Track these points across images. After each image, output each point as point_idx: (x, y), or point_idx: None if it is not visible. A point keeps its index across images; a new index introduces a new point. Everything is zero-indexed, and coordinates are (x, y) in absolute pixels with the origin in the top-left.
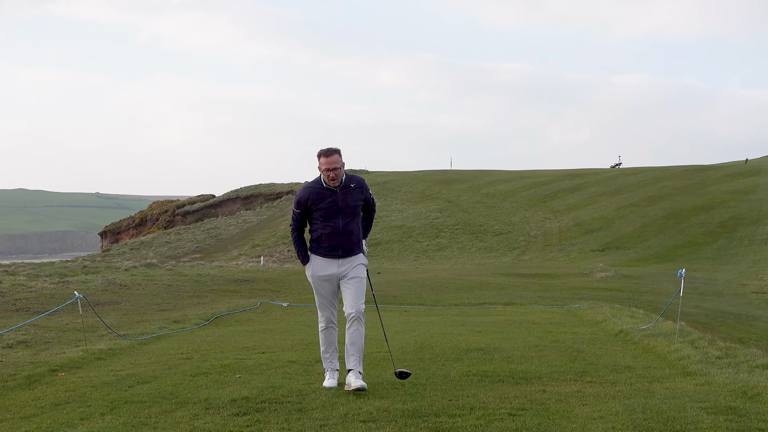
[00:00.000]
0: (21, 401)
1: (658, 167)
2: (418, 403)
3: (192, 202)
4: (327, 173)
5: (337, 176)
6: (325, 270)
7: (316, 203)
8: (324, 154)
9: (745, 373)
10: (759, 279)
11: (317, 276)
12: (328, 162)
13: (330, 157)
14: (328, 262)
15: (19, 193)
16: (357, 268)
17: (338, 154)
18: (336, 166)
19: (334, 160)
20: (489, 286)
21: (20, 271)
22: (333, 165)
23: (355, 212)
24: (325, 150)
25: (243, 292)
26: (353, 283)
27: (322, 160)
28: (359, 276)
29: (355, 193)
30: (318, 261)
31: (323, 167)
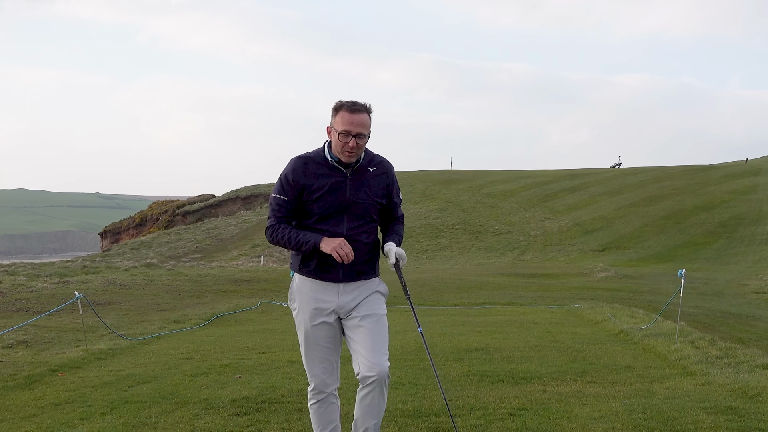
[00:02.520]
0: (21, 401)
1: (658, 167)
2: (418, 403)
3: (192, 202)
4: (345, 139)
5: (359, 148)
6: (319, 300)
7: (311, 187)
8: (348, 108)
9: (745, 373)
10: (759, 279)
11: (306, 310)
12: (351, 121)
13: (356, 115)
14: (323, 287)
15: (19, 193)
16: (371, 299)
17: (368, 113)
18: (362, 131)
19: (361, 121)
20: (489, 286)
21: (20, 271)
22: (358, 127)
23: (368, 212)
24: (350, 102)
25: (243, 292)
26: (369, 324)
27: (341, 117)
28: (376, 312)
29: (375, 182)
30: (306, 285)
31: (341, 127)
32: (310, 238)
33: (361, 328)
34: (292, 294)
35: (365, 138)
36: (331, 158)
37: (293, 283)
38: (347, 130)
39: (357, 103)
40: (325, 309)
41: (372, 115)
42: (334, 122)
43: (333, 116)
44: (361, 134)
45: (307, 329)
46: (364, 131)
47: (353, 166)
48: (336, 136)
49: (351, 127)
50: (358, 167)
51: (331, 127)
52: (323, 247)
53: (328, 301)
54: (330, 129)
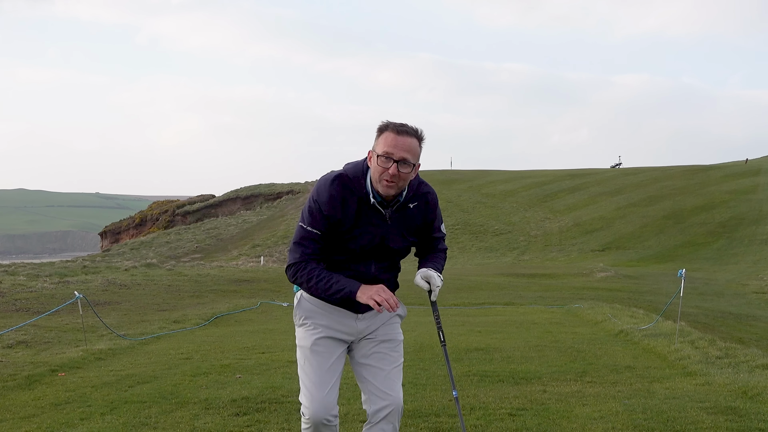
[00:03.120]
0: (21, 401)
1: (658, 167)
2: (418, 403)
3: (192, 202)
4: (385, 164)
5: (400, 179)
6: (336, 322)
7: (346, 225)
8: (394, 129)
9: (745, 373)
10: (759, 279)
11: (319, 326)
12: (396, 143)
13: (403, 137)
14: (340, 313)
15: (19, 193)
16: (390, 323)
17: (418, 138)
18: (407, 157)
19: (407, 145)
20: (489, 286)
21: (20, 271)
22: (402, 152)
23: (401, 254)
24: (398, 123)
25: (243, 292)
26: (386, 349)
27: (385, 138)
28: (395, 339)
29: (414, 220)
30: (319, 307)
31: (382, 149)
32: (345, 286)
33: (378, 354)
34: (300, 312)
35: (410, 167)
36: (373, 196)
37: (302, 302)
38: (389, 153)
39: (406, 125)
40: (341, 330)
41: (423, 144)
42: (376, 145)
43: (376, 138)
44: (406, 161)
45: (314, 343)
46: (410, 158)
47: (393, 205)
48: (375, 159)
49: (394, 150)
50: (398, 204)
51: (372, 151)
52: (360, 297)
53: (346, 325)
54: (371, 153)
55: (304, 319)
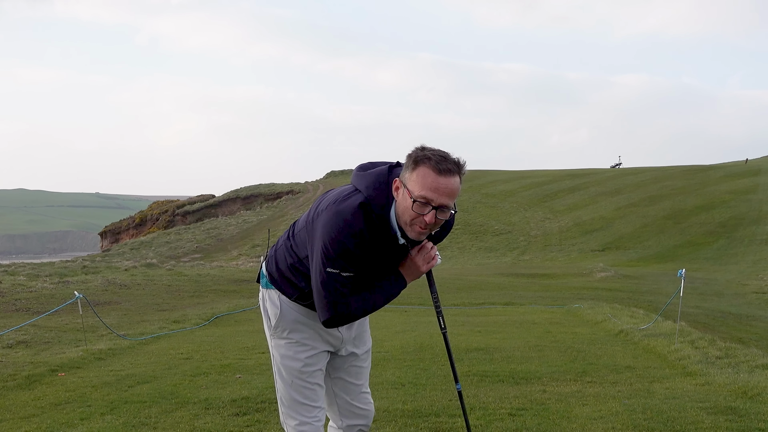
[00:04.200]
0: (21, 401)
1: (658, 167)
2: (418, 403)
3: (192, 202)
4: (422, 210)
5: (436, 225)
6: (320, 335)
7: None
8: (435, 165)
9: (745, 373)
10: (759, 279)
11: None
12: (437, 187)
13: (445, 178)
14: None
15: (19, 193)
16: (366, 328)
17: (460, 176)
18: (447, 203)
19: (449, 188)
20: (489, 286)
21: (20, 271)
22: (444, 197)
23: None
24: (440, 157)
25: (243, 292)
26: (359, 362)
27: (423, 176)
28: (367, 349)
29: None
30: (304, 314)
31: (419, 191)
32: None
33: (352, 368)
34: (282, 320)
35: (448, 213)
36: (401, 237)
37: (282, 307)
38: (427, 199)
39: (448, 159)
40: (327, 341)
41: (463, 178)
42: (408, 179)
43: (409, 169)
44: (445, 207)
45: (306, 363)
46: (450, 204)
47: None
48: (408, 201)
49: (434, 196)
50: None
51: (401, 183)
52: (409, 280)
53: (334, 336)
54: (399, 184)
55: (289, 333)
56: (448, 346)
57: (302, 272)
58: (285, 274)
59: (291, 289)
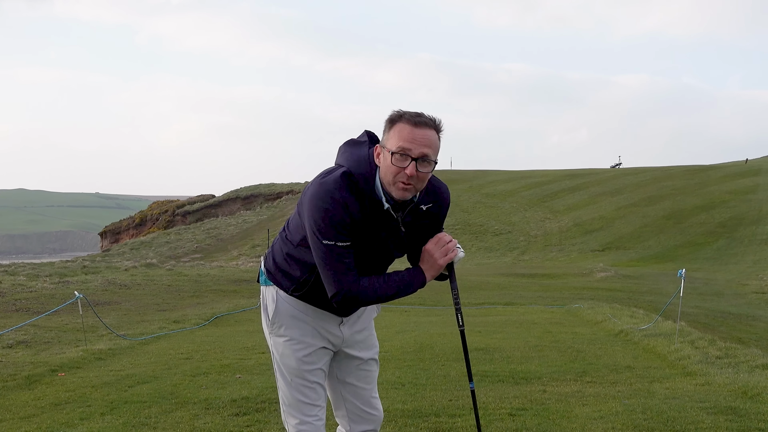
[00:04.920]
0: (21, 401)
1: (658, 167)
2: (418, 403)
3: (192, 202)
4: (401, 163)
5: (419, 180)
6: (322, 329)
7: (360, 234)
8: (410, 120)
9: (745, 373)
10: (759, 279)
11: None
12: (413, 137)
13: (421, 130)
14: (324, 316)
15: (19, 193)
16: (370, 329)
17: (437, 130)
18: (427, 153)
19: (426, 138)
20: (489, 286)
21: (20, 271)
22: (422, 147)
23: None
24: (414, 113)
25: (243, 292)
26: (368, 366)
27: (399, 131)
28: (374, 352)
29: (424, 224)
30: (302, 309)
31: (397, 144)
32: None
33: (360, 372)
34: (278, 317)
35: (430, 165)
36: (386, 201)
37: (279, 303)
38: (405, 149)
39: (423, 115)
40: (326, 338)
41: (442, 136)
42: (387, 138)
43: (386, 131)
44: (426, 158)
45: (303, 358)
46: (430, 154)
47: (406, 207)
48: (388, 158)
49: (412, 146)
50: (412, 207)
51: (381, 147)
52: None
53: (330, 333)
54: (380, 149)
55: (285, 329)
56: (464, 344)
57: (297, 259)
58: (281, 267)
59: (287, 282)
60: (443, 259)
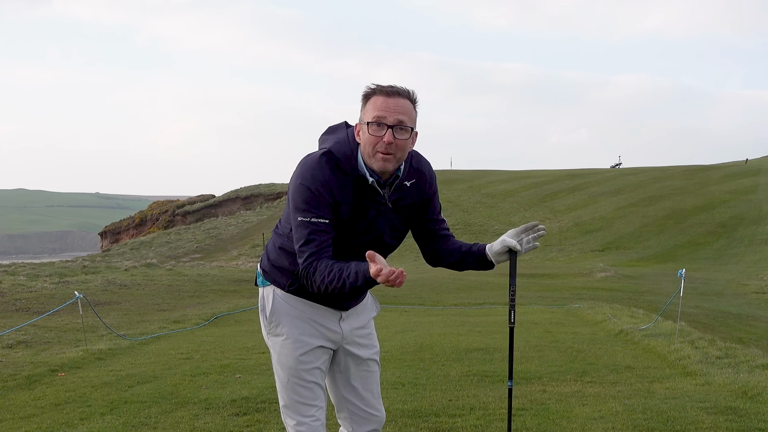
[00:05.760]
0: (21, 401)
1: (658, 167)
2: (418, 403)
3: (192, 202)
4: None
5: (398, 148)
6: (320, 326)
7: (343, 211)
8: (384, 91)
9: (745, 373)
10: (759, 279)
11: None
12: (387, 106)
13: (395, 99)
14: (322, 312)
15: (19, 193)
16: (370, 327)
17: (411, 100)
18: (402, 119)
19: (401, 106)
20: (489, 286)
21: (20, 271)
22: (397, 114)
23: (401, 238)
24: (387, 86)
25: (243, 292)
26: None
27: (374, 102)
28: (377, 348)
29: (411, 198)
30: (299, 306)
31: (372, 114)
32: (357, 274)
33: (363, 372)
34: (275, 317)
35: (407, 132)
36: (370, 176)
37: (275, 302)
38: (380, 117)
39: (395, 86)
40: (325, 336)
41: (417, 107)
42: (363, 113)
43: (362, 107)
44: (402, 124)
45: (299, 357)
46: (406, 120)
47: (391, 184)
48: (365, 130)
49: (386, 113)
50: (396, 183)
51: (360, 123)
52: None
53: (330, 329)
54: (358, 126)
55: (282, 328)
56: (511, 342)
57: (289, 251)
58: (276, 263)
59: (283, 277)
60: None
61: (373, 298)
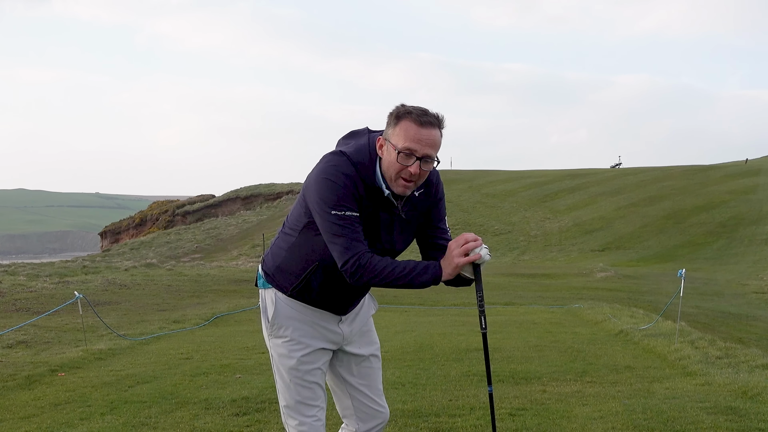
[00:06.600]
0: (21, 401)
1: (658, 167)
2: (418, 403)
3: (192, 202)
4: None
5: (421, 177)
6: (323, 328)
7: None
8: (416, 118)
9: (745, 373)
10: (759, 279)
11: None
12: (419, 137)
13: (427, 130)
14: (323, 316)
15: (19, 193)
16: (370, 326)
17: (440, 128)
18: (430, 153)
19: (431, 138)
20: (489, 286)
21: (20, 271)
22: (427, 148)
23: (409, 243)
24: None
25: (243, 292)
26: (371, 363)
27: (405, 128)
28: (377, 345)
29: (418, 207)
30: (301, 309)
31: (403, 143)
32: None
33: (365, 369)
34: (277, 319)
35: (432, 163)
36: (387, 189)
37: (277, 305)
38: (411, 150)
39: (428, 113)
40: (326, 338)
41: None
42: (392, 134)
43: (391, 126)
44: (429, 158)
45: (301, 359)
46: (433, 154)
47: (404, 199)
48: (392, 154)
49: (417, 146)
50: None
51: (385, 140)
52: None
53: (330, 331)
54: (383, 142)
55: (284, 330)
56: (486, 347)
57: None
58: (281, 266)
59: (287, 280)
60: (460, 258)
61: (371, 297)
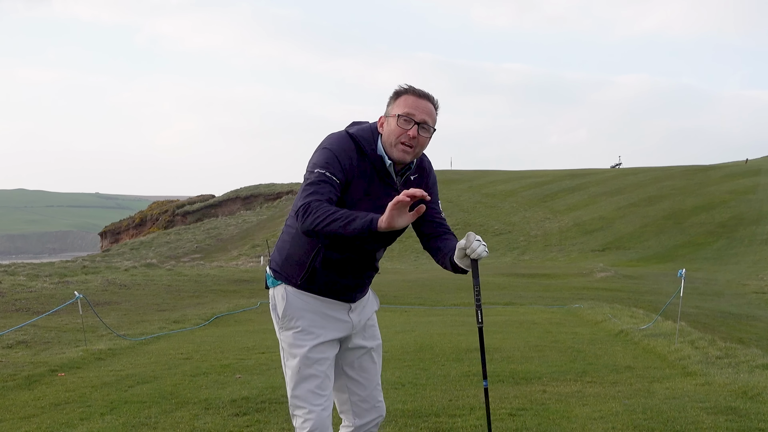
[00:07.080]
0: (21, 401)
1: (658, 167)
2: (418, 403)
3: (192, 202)
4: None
5: (419, 144)
6: (333, 318)
7: (354, 189)
8: (414, 92)
9: (745, 373)
10: (759, 279)
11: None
12: (417, 105)
13: (423, 101)
14: (333, 305)
15: (19, 193)
16: (374, 321)
17: (435, 106)
18: (427, 120)
19: (428, 108)
20: (489, 286)
21: (20, 271)
22: (424, 114)
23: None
24: (418, 89)
25: (243, 292)
26: (371, 358)
27: (405, 100)
28: (377, 343)
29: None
30: (311, 300)
31: (402, 109)
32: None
33: (364, 363)
34: (288, 311)
35: (429, 132)
36: (386, 155)
37: (288, 298)
38: (410, 114)
39: (425, 91)
40: (336, 328)
41: (438, 112)
42: (391, 107)
43: (391, 103)
44: (426, 124)
45: (312, 347)
46: (430, 121)
47: (403, 174)
48: (393, 121)
49: (416, 112)
50: (406, 174)
51: (385, 117)
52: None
53: (340, 320)
54: (383, 119)
55: (296, 321)
56: (482, 341)
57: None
58: (287, 257)
59: (296, 270)
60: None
61: (374, 294)
